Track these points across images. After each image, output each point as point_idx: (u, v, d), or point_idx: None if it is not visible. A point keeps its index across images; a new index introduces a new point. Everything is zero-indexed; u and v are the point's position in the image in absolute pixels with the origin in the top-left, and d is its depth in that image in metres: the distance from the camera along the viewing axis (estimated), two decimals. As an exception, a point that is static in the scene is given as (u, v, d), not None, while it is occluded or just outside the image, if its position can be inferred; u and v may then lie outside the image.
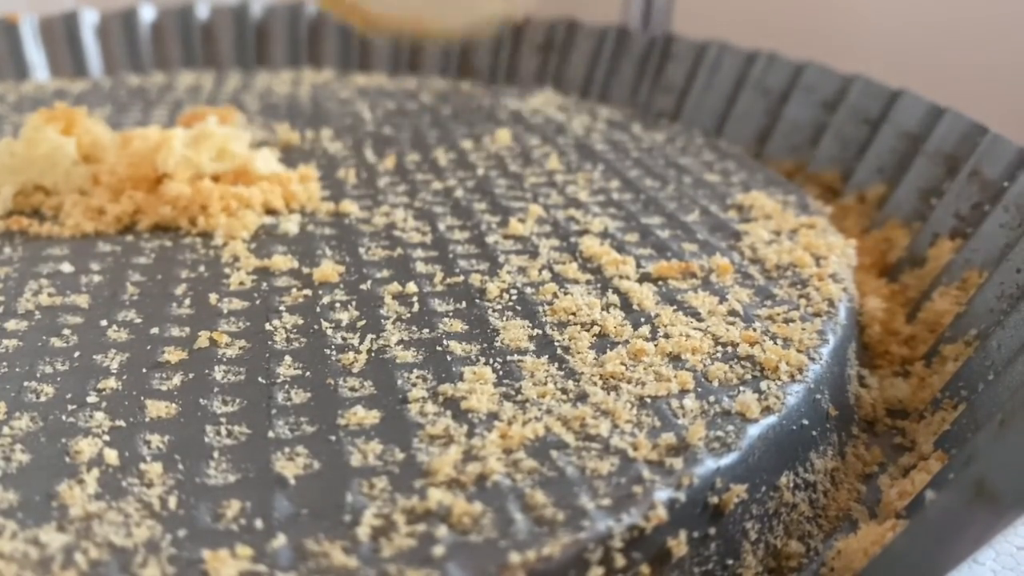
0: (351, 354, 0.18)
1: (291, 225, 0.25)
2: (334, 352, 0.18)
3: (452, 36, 0.41)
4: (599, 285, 0.21)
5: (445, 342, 0.19)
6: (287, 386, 0.17)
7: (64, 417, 0.16)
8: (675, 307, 0.20)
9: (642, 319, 0.20)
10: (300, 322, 0.20)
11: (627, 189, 0.29)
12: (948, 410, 0.20)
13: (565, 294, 0.21)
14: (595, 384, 0.17)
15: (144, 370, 0.18)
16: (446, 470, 0.14)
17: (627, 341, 0.18)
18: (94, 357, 0.18)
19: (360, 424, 0.16)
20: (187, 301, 0.21)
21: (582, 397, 0.16)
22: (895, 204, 0.29)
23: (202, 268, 0.22)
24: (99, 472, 0.14)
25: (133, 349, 0.18)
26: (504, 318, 0.20)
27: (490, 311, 0.20)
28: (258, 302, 0.21)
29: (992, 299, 0.21)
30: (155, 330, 0.19)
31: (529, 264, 0.22)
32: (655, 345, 0.18)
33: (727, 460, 0.15)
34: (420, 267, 0.22)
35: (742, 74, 0.38)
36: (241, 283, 0.21)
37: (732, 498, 0.15)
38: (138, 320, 0.20)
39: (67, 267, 0.22)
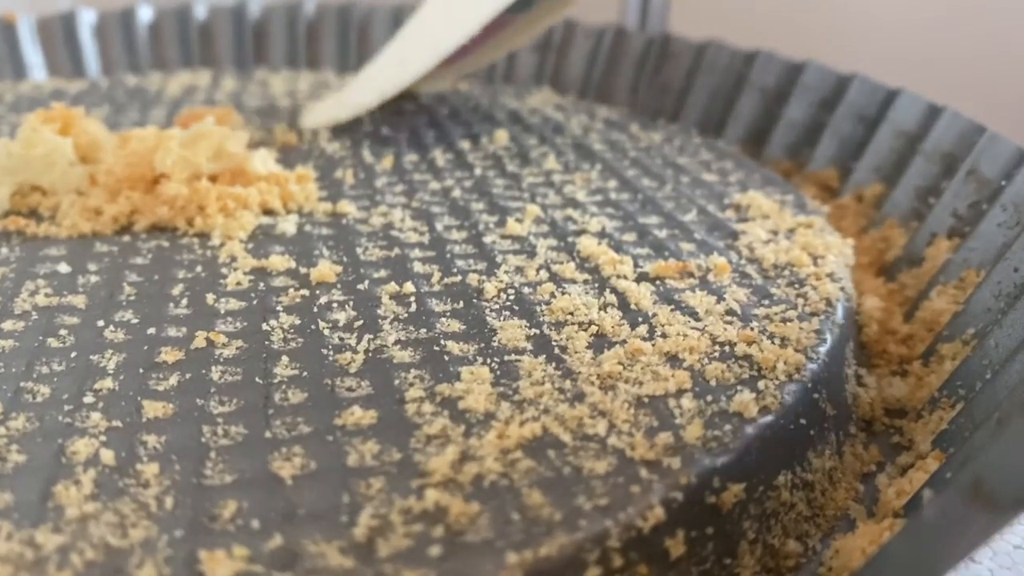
0: (348, 354, 0.18)
1: (288, 225, 0.25)
2: (331, 352, 0.18)
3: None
4: (596, 285, 0.21)
5: (442, 342, 0.18)
6: (284, 386, 0.17)
7: (60, 417, 0.16)
8: (672, 307, 0.20)
9: (639, 319, 0.19)
10: (297, 322, 0.19)
11: (625, 189, 0.29)
12: (946, 409, 0.20)
13: (563, 294, 0.21)
14: (592, 384, 0.17)
15: (141, 370, 0.17)
16: (443, 470, 0.14)
17: (624, 341, 0.18)
18: (91, 357, 0.18)
19: (357, 424, 0.16)
20: (184, 301, 0.21)
21: (579, 397, 0.16)
22: (893, 203, 0.29)
23: (199, 268, 0.22)
24: (95, 472, 0.14)
25: (130, 349, 0.18)
26: (501, 318, 0.20)
27: (487, 311, 0.20)
28: (255, 302, 0.20)
29: (990, 298, 0.21)
30: (152, 330, 0.19)
31: (527, 264, 0.22)
32: (652, 344, 0.18)
33: (725, 459, 0.15)
34: (418, 267, 0.22)
35: (739, 74, 0.38)
36: (238, 283, 0.21)
37: (730, 497, 0.15)
38: (135, 320, 0.20)
39: (64, 267, 0.22)
